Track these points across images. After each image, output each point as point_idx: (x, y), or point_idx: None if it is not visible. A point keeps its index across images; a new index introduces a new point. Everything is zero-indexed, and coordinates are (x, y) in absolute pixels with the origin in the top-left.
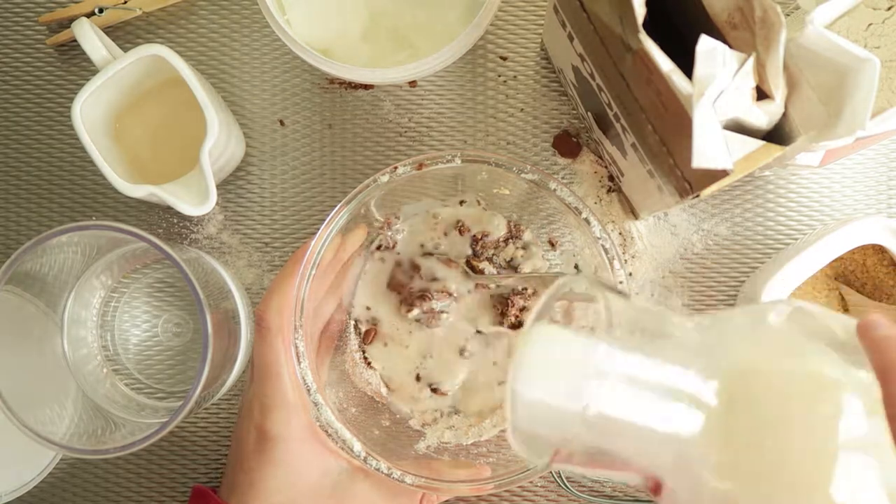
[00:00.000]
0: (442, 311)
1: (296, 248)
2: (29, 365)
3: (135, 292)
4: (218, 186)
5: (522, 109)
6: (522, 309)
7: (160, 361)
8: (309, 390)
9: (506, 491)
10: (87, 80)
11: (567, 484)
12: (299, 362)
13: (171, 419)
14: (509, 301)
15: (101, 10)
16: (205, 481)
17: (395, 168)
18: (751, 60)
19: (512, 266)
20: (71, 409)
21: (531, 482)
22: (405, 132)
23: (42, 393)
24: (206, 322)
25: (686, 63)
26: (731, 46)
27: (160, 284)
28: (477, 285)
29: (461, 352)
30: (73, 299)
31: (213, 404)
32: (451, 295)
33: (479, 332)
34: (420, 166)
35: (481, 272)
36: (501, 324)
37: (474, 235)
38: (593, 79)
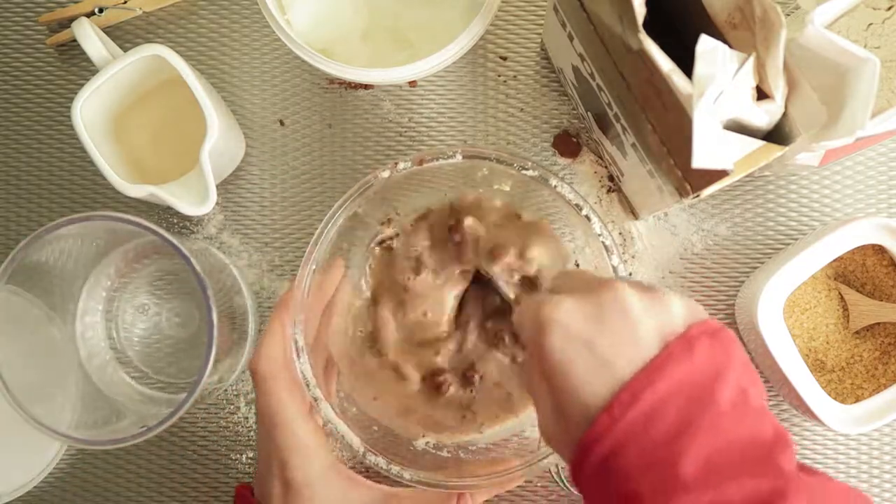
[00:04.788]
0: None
1: (296, 248)
2: (28, 361)
3: (139, 282)
4: (218, 186)
5: (522, 109)
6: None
7: (168, 354)
8: (308, 385)
9: (506, 491)
10: (87, 80)
11: (567, 484)
12: (298, 357)
13: (184, 400)
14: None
15: (101, 10)
16: (205, 482)
17: (396, 164)
18: (751, 60)
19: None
20: (73, 401)
21: (530, 481)
22: (405, 132)
23: (43, 388)
24: (211, 308)
25: (686, 63)
26: (731, 46)
27: (161, 273)
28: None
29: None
30: (85, 295)
31: (215, 405)
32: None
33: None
34: (421, 162)
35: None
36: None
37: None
38: (593, 79)
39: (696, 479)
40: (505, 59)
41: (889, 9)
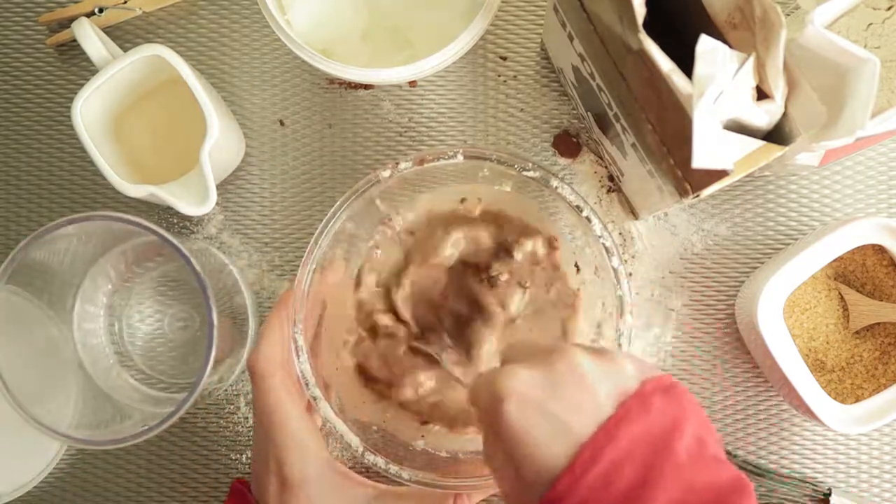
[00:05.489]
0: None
1: (296, 248)
2: (28, 361)
3: (142, 286)
4: (218, 186)
5: (522, 109)
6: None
7: (170, 356)
8: (307, 384)
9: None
10: (87, 80)
11: None
12: (298, 356)
13: (184, 400)
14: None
15: (101, 10)
16: (205, 482)
17: (397, 164)
18: (751, 60)
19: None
20: (73, 401)
21: None
22: (405, 132)
23: (43, 388)
24: (212, 308)
25: (686, 63)
26: (731, 46)
27: (164, 278)
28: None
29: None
30: (82, 294)
31: (215, 405)
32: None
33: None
34: (422, 162)
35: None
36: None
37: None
38: (593, 79)
39: None
40: (505, 59)
41: (889, 9)
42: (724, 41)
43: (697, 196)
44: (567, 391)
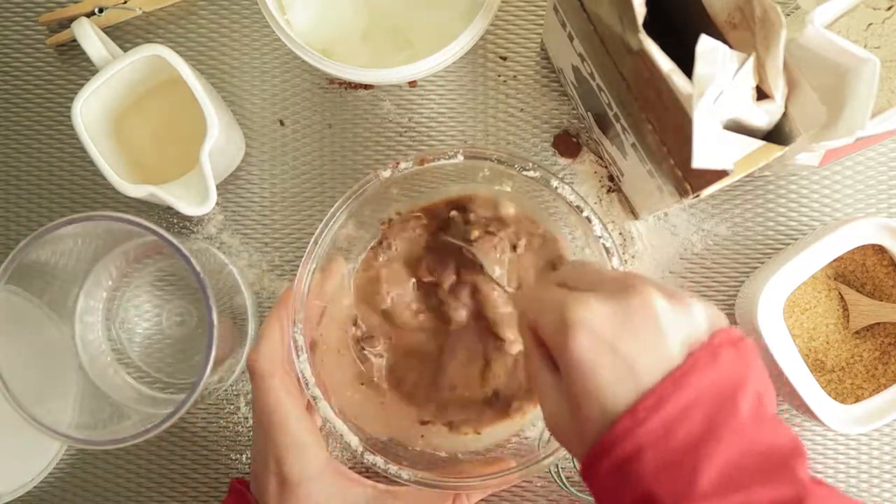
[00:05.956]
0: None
1: (296, 248)
2: (28, 361)
3: (139, 281)
4: (218, 186)
5: (522, 109)
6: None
7: (168, 354)
8: (307, 384)
9: (505, 490)
10: (87, 80)
11: (567, 484)
12: (298, 356)
13: (184, 400)
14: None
15: (101, 10)
16: (205, 482)
17: (398, 164)
18: (751, 60)
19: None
20: (73, 401)
21: (530, 482)
22: (405, 132)
23: (43, 388)
24: (211, 308)
25: (686, 63)
26: (731, 46)
27: (161, 273)
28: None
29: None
30: (84, 294)
31: (215, 405)
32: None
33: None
34: (422, 162)
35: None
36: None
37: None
38: (593, 79)
39: (715, 485)
40: (505, 59)
41: (889, 9)
42: (724, 41)
43: (697, 196)
44: (639, 332)
